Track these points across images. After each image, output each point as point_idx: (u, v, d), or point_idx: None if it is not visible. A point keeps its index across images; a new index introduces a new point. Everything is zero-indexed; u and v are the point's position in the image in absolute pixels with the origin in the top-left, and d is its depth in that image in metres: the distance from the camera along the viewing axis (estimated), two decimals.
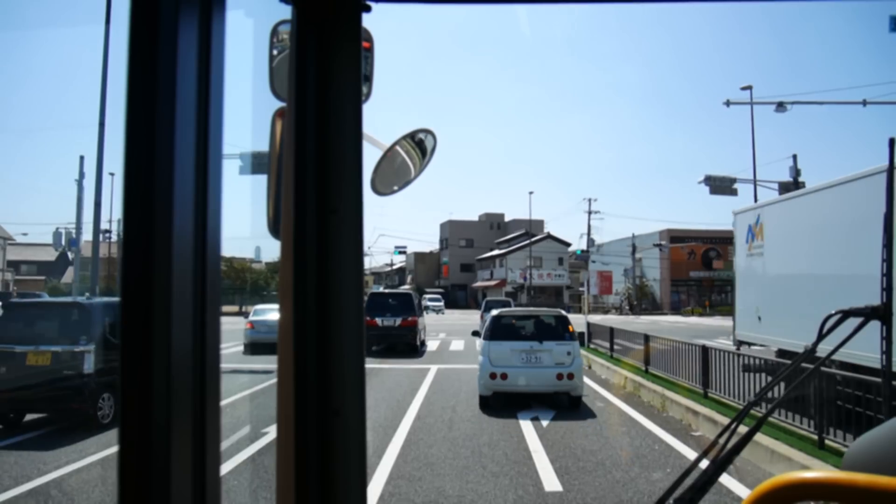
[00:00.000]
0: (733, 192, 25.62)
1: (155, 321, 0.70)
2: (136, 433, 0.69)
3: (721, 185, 25.16)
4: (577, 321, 28.92)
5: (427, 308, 45.61)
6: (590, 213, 58.80)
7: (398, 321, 18.33)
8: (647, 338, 13.03)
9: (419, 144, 1.57)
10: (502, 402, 9.70)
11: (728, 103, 23.80)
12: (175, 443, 0.70)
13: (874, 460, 0.88)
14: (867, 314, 1.20)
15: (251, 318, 18.07)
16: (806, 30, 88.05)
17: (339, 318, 0.92)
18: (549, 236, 65.58)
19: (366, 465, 0.93)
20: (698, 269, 58.07)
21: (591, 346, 18.29)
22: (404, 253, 71.01)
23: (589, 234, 58.21)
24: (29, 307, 9.91)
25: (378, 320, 18.04)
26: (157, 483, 0.69)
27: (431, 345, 21.12)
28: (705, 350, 9.75)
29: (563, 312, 10.93)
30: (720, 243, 58.56)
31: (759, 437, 6.52)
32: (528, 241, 61.30)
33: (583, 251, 56.33)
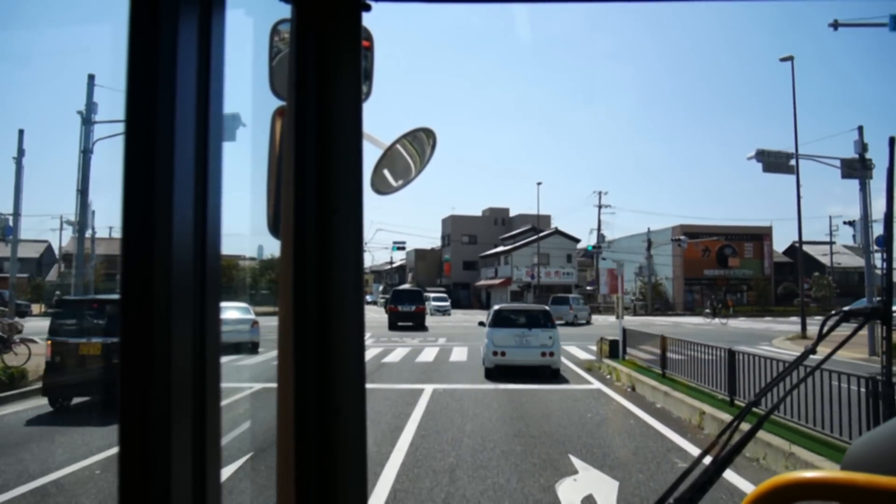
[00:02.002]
0: (790, 170, 21.93)
1: (155, 321, 0.70)
2: (137, 433, 0.69)
3: (776, 162, 21.45)
4: (605, 325, 26.53)
5: (430, 308, 43.06)
6: (600, 206, 54.83)
7: (413, 308, 29.22)
8: (731, 354, 8.79)
9: (419, 143, 1.57)
10: (502, 374, 13.17)
11: (836, 25, 19.23)
12: (175, 443, 0.70)
13: (874, 460, 0.88)
14: (867, 314, 1.20)
15: None
16: (806, 29, 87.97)
17: (339, 318, 0.92)
18: (557, 232, 61.07)
19: (366, 465, 0.93)
20: (713, 268, 54.92)
21: (628, 357, 14.22)
22: (403, 249, 65.45)
23: (599, 229, 54.40)
24: (80, 304, 11.07)
25: (399, 307, 29.02)
26: (157, 483, 0.69)
27: (427, 354, 17.64)
28: (874, 387, 5.85)
29: (547, 308, 15.10)
30: (735, 240, 55.26)
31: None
32: (534, 237, 56.85)
33: (594, 247, 52.68)
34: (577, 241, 61.24)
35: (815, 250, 60.94)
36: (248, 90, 1.44)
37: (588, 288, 59.13)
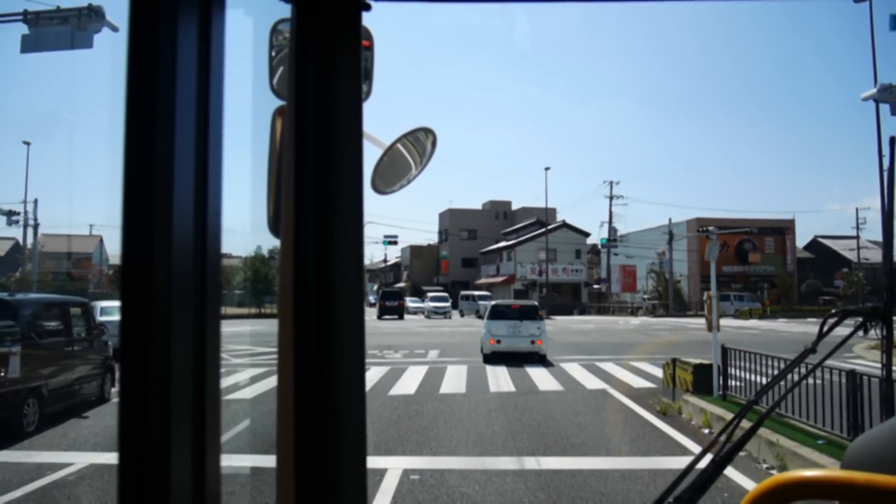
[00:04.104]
0: None
1: (154, 320, 0.70)
2: (136, 433, 0.69)
3: None
4: (627, 329, 23.33)
5: (428, 311, 42.02)
6: (611, 197, 50.63)
7: (396, 303, 40.51)
8: None
9: (419, 143, 1.58)
10: (499, 358, 14.97)
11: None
12: (175, 443, 0.70)
13: (874, 459, 0.88)
14: (867, 313, 1.20)
15: (99, 318, 13.70)
16: (806, 28, 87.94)
17: (339, 318, 0.92)
18: (565, 225, 55.82)
19: (366, 465, 0.93)
20: (732, 264, 49.20)
21: (728, 394, 9.03)
22: (394, 243, 58.30)
23: (611, 221, 50.63)
24: None
25: (387, 303, 40.04)
26: (156, 483, 0.69)
27: (409, 379, 12.13)
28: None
29: (536, 303, 17.91)
30: (755, 234, 50.26)
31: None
32: (541, 230, 52.02)
33: (608, 240, 49.01)
34: (587, 235, 56.82)
35: (838, 245, 56.88)
36: (248, 90, 1.44)
37: (595, 287, 55.32)
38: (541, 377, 13.01)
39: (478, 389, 11.26)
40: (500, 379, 12.72)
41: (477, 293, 44.37)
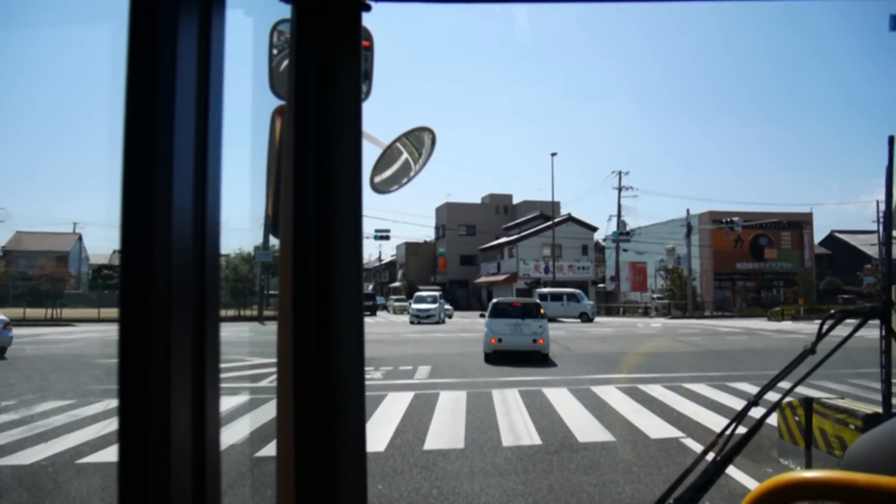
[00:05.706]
0: None
1: (154, 320, 0.70)
2: (136, 433, 0.69)
3: None
4: (635, 334, 20.37)
5: (410, 314, 33.07)
6: (620, 189, 46.67)
7: (370, 303, 45.57)
8: None
9: (418, 142, 1.58)
10: (499, 358, 14.75)
11: None
12: (175, 442, 0.70)
13: (874, 460, 0.88)
14: (866, 313, 1.20)
15: None
16: (804, 28, 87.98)
17: (338, 317, 0.92)
18: (571, 219, 51.19)
19: (366, 465, 0.93)
20: (746, 260, 45.49)
21: None
22: (386, 238, 51.85)
23: (619, 215, 46.97)
24: None
25: (364, 302, 41.38)
26: (156, 483, 0.69)
27: (383, 419, 8.04)
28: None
29: (538, 301, 17.33)
30: (770, 228, 45.81)
31: None
32: (544, 224, 47.96)
33: (620, 234, 45.34)
34: (595, 229, 52.23)
35: (856, 240, 52.85)
36: (248, 90, 1.45)
37: (601, 285, 51.48)
38: (574, 414, 8.51)
39: (484, 441, 7.06)
40: (514, 416, 8.43)
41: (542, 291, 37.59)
